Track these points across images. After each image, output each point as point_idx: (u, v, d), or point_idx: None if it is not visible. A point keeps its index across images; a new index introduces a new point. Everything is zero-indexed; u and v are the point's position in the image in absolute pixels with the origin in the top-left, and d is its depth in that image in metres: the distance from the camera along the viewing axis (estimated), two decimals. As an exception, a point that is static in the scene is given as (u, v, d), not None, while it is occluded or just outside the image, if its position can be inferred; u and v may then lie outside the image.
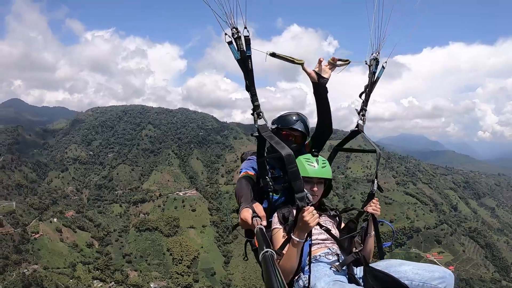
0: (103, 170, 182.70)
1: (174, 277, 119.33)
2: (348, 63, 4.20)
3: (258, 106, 3.58)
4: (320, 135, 4.49)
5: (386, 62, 4.50)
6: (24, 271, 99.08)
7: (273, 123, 4.34)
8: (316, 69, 4.11)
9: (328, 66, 4.14)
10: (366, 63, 4.45)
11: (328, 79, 4.15)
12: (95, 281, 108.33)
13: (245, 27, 3.32)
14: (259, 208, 3.51)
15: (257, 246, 3.28)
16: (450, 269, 3.34)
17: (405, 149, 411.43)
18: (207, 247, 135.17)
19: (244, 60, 3.41)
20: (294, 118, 4.32)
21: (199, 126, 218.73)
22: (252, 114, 3.61)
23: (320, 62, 4.07)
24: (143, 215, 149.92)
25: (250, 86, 3.53)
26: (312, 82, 4.15)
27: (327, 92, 4.23)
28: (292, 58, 3.75)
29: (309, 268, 3.26)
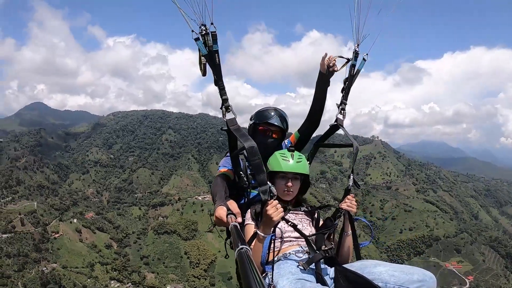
0: (123, 173, 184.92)
1: (190, 280, 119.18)
2: (348, 61, 4.30)
3: (227, 99, 3.51)
4: (308, 129, 4.50)
5: (367, 54, 4.42)
6: (43, 269, 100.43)
7: (250, 119, 4.38)
8: (327, 62, 4.17)
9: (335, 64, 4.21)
10: (349, 60, 4.36)
11: (333, 74, 4.24)
12: (112, 282, 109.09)
13: (212, 23, 3.35)
14: (233, 205, 3.37)
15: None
16: (469, 279, 2.64)
17: (425, 155, 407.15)
18: (225, 251, 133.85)
19: (212, 55, 3.41)
20: (271, 113, 4.30)
21: (218, 131, 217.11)
22: (221, 108, 3.55)
23: (328, 57, 4.15)
24: (161, 218, 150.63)
25: (218, 80, 3.49)
26: (320, 71, 4.23)
27: (328, 85, 4.32)
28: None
29: (272, 265, 3.18)
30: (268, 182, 3.11)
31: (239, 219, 3.17)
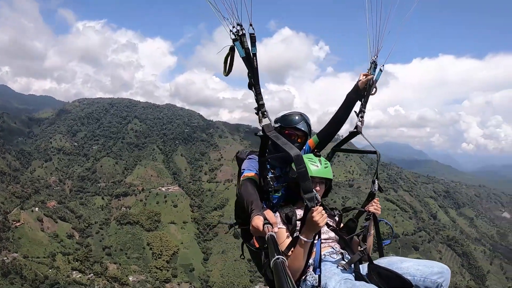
0: (87, 162, 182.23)
1: (153, 271, 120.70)
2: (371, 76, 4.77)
3: (263, 105, 3.63)
4: (330, 135, 4.89)
5: (383, 65, 4.77)
6: (4, 258, 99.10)
7: (275, 122, 4.42)
8: (365, 82, 4.69)
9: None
10: (368, 70, 4.76)
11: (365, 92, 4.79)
12: (74, 272, 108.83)
13: (251, 24, 3.35)
14: (270, 215, 3.46)
15: (257, 246, 3.72)
16: None
17: (389, 157, 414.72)
18: (187, 243, 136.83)
19: (249, 58, 3.45)
20: (297, 117, 4.43)
21: (185, 123, 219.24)
22: (257, 113, 3.67)
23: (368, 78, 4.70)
24: (124, 209, 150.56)
25: (255, 85, 3.57)
26: (358, 86, 4.69)
27: (357, 100, 4.76)
28: None
29: (320, 267, 3.38)
30: (313, 190, 3.28)
31: (276, 229, 3.30)
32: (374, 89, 4.73)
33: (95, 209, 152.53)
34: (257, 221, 3.20)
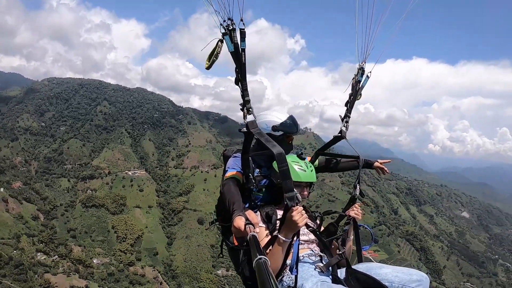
0: (54, 143, 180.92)
1: (117, 255, 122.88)
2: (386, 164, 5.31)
3: (249, 101, 3.59)
4: (323, 170, 5.37)
5: (370, 72, 4.77)
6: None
7: (275, 130, 4.31)
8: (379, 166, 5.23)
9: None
10: (355, 77, 4.83)
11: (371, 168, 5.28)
12: (38, 254, 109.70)
13: (241, 19, 3.28)
14: (252, 215, 3.42)
15: (236, 244, 3.72)
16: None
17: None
18: (152, 227, 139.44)
19: (238, 53, 3.40)
20: (295, 123, 4.39)
21: (154, 107, 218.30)
22: (242, 110, 3.64)
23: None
24: (90, 192, 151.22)
25: (242, 80, 3.52)
26: (373, 168, 5.23)
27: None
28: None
29: (296, 268, 3.38)
30: (294, 189, 3.21)
31: (257, 230, 3.21)
32: (359, 95, 4.91)
33: (60, 191, 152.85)
34: (239, 221, 3.24)
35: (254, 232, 3.07)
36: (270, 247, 3.46)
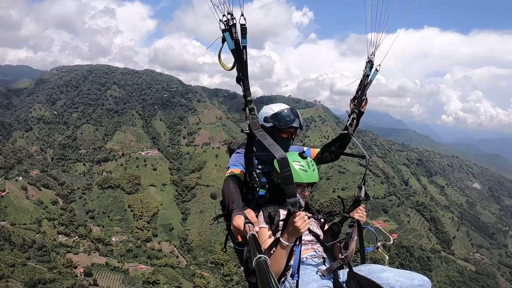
0: (67, 130, 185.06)
1: (134, 232, 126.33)
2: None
3: (251, 101, 3.50)
4: (328, 160, 5.16)
5: (379, 65, 4.59)
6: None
7: (266, 121, 4.28)
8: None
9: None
10: (364, 71, 4.61)
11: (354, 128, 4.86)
12: (60, 236, 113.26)
13: (242, 14, 3.09)
14: (251, 214, 3.41)
15: (240, 240, 3.57)
16: (393, 237, 6.54)
17: (368, 124, 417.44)
18: (166, 204, 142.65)
19: (239, 50, 3.22)
20: (290, 115, 4.26)
21: (164, 88, 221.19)
22: (244, 110, 3.56)
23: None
24: (106, 174, 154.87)
25: (244, 79, 3.37)
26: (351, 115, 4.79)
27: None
28: None
29: (298, 273, 3.31)
30: (297, 195, 3.15)
31: (257, 228, 3.17)
32: (365, 98, 4.73)
33: (77, 175, 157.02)
34: (238, 220, 3.22)
35: (253, 231, 3.06)
36: (273, 249, 3.40)
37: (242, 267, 4.31)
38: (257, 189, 4.14)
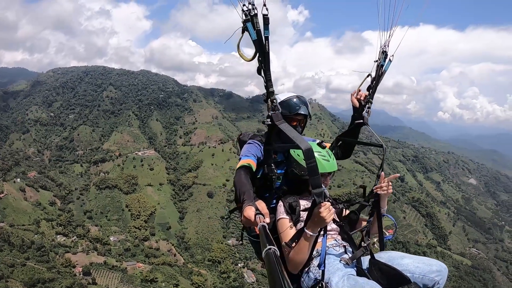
0: (64, 131, 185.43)
1: (132, 231, 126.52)
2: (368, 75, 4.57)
3: (273, 92, 3.44)
4: (338, 158, 4.75)
5: (393, 55, 4.50)
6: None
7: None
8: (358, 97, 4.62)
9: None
10: (376, 61, 4.48)
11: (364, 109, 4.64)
12: (58, 236, 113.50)
13: (264, 4, 3.03)
14: (262, 205, 3.49)
15: (257, 233, 3.25)
16: (389, 232, 3.96)
17: None
18: (164, 203, 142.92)
19: (261, 41, 3.17)
20: (297, 102, 4.27)
21: (160, 88, 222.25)
22: (265, 101, 3.52)
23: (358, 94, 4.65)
24: (103, 174, 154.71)
25: (266, 70, 3.32)
26: (354, 108, 4.67)
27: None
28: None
29: (324, 263, 3.34)
30: (322, 185, 3.09)
31: (267, 220, 3.15)
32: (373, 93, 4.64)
33: (74, 176, 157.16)
34: (249, 211, 3.20)
35: (264, 222, 3.06)
36: (296, 241, 3.40)
37: (257, 258, 4.52)
38: (275, 180, 4.17)
